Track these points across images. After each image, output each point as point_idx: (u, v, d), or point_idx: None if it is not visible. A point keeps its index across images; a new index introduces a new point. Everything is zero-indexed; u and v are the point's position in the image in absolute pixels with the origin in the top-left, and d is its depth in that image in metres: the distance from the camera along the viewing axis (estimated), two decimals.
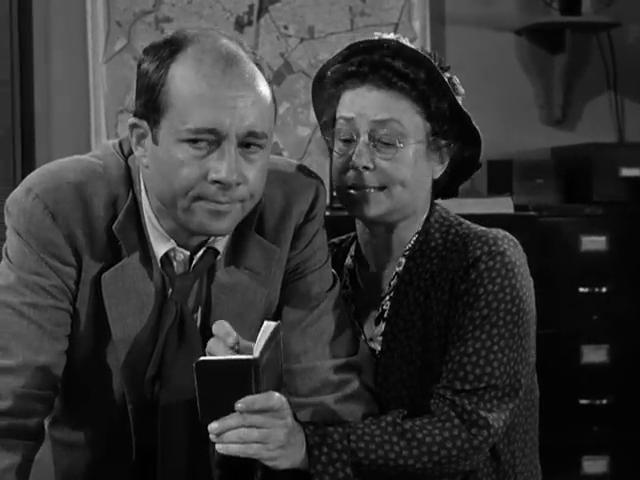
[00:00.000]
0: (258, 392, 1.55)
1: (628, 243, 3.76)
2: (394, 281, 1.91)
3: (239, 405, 1.54)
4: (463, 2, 4.06)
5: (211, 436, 1.57)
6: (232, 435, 1.57)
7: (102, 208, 1.69)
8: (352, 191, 1.86)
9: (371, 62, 1.84)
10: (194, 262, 1.74)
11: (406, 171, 1.84)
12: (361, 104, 1.84)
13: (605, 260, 3.73)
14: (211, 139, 1.61)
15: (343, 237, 2.07)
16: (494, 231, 1.86)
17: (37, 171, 1.72)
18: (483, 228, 1.88)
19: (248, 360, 1.52)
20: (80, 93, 3.85)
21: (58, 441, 1.87)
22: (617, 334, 3.75)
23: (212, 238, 1.73)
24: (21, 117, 3.82)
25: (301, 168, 1.86)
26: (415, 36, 3.96)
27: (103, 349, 1.74)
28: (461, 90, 1.90)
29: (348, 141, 1.87)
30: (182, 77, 1.61)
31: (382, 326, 1.91)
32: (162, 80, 1.62)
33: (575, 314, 3.71)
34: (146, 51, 1.66)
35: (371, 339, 1.94)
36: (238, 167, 1.62)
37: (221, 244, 1.75)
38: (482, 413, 1.78)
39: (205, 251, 1.74)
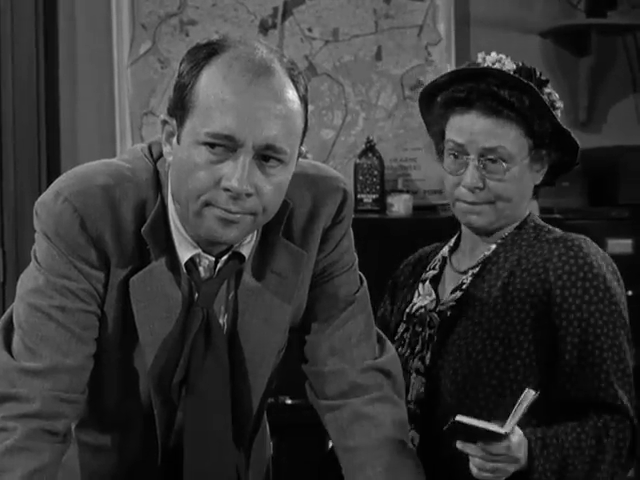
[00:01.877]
0: None
1: None
2: (481, 258, 2.04)
3: (479, 451, 1.72)
4: (488, 4, 4.04)
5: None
6: (471, 458, 1.74)
7: (131, 211, 1.68)
8: (464, 205, 2.02)
9: (478, 90, 1.97)
10: (218, 267, 1.74)
11: (513, 189, 2.00)
12: (470, 130, 1.99)
13: (631, 263, 3.66)
14: (228, 145, 1.60)
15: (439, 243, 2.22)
16: (582, 236, 2.00)
17: (66, 174, 1.72)
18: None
19: (500, 434, 1.69)
20: (105, 96, 3.86)
21: (84, 444, 1.87)
22: None
23: (237, 243, 1.73)
24: (46, 120, 3.83)
25: (328, 171, 1.85)
26: (440, 38, 3.95)
27: (130, 353, 1.74)
28: (559, 105, 2.05)
29: (456, 157, 2.01)
30: (210, 81, 1.61)
31: (458, 294, 2.02)
32: (192, 81, 1.62)
33: None
34: (189, 51, 1.67)
35: (442, 303, 2.04)
36: (251, 178, 1.61)
37: (246, 249, 1.74)
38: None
39: (229, 257, 1.74)
